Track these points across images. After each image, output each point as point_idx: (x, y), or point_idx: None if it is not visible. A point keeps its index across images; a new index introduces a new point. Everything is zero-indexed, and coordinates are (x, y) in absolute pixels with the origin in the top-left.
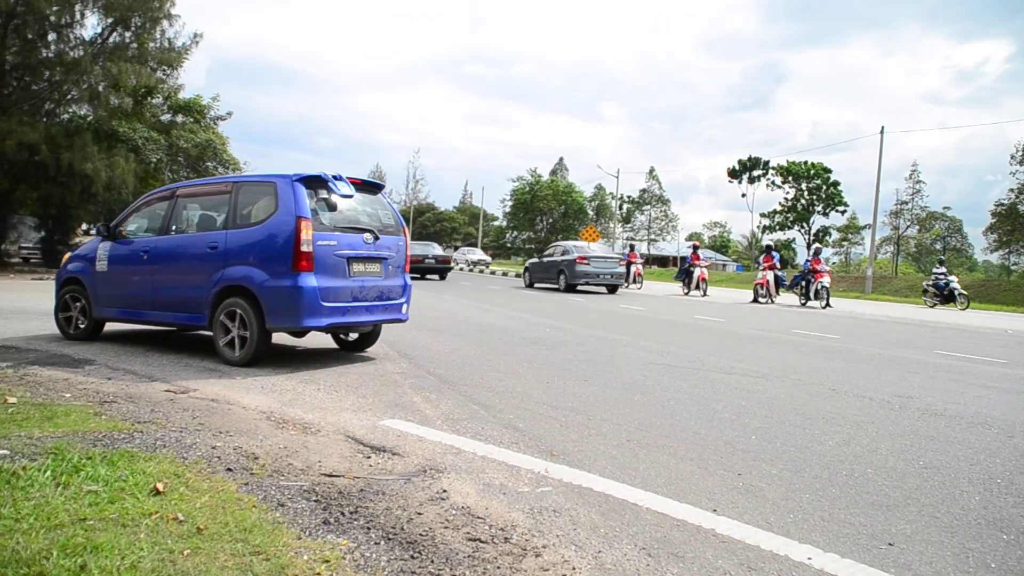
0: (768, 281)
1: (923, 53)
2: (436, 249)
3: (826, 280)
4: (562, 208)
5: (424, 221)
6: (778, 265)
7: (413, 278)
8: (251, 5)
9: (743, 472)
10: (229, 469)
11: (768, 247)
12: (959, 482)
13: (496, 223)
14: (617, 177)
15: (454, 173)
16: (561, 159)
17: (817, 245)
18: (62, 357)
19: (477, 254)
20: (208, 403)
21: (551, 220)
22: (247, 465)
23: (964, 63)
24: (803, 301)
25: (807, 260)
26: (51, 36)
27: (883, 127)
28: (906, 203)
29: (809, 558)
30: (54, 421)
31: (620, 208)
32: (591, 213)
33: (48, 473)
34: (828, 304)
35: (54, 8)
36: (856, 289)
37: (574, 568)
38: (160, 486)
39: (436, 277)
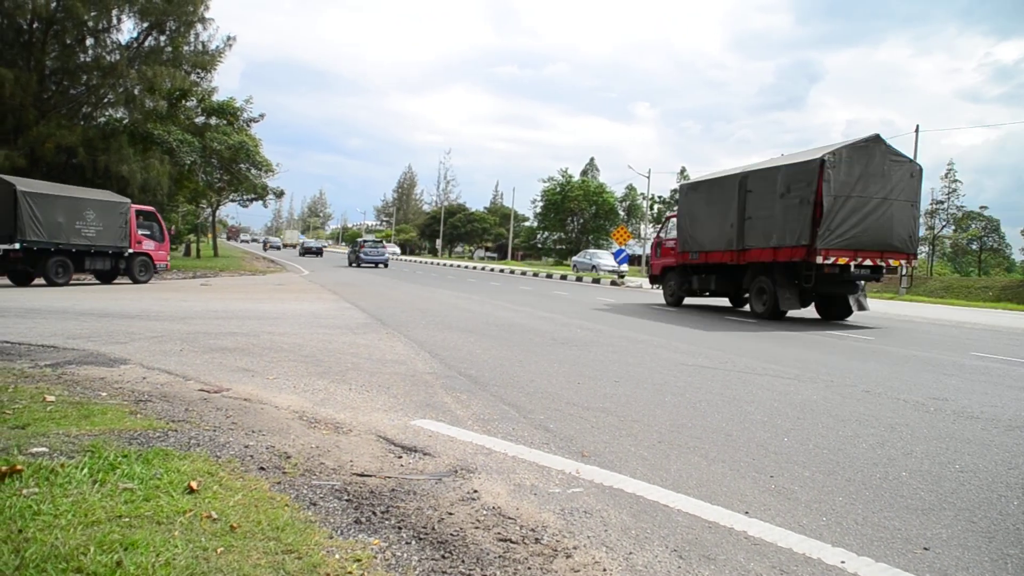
0: None
1: (960, 51)
2: (318, 243)
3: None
4: (593, 209)
5: (455, 222)
6: None
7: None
8: (283, 9)
9: (775, 474)
10: (262, 468)
11: None
12: (996, 486)
13: (527, 224)
14: (648, 177)
15: (485, 174)
16: (592, 159)
17: None
18: (99, 356)
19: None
20: (241, 402)
21: (582, 221)
22: (279, 464)
23: (1003, 60)
24: None
25: None
26: (89, 41)
27: (918, 126)
28: (942, 203)
29: (843, 562)
30: (91, 419)
31: (651, 208)
32: (622, 213)
33: (85, 470)
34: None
35: (92, 13)
36: (890, 290)
37: (605, 569)
38: (194, 484)
39: (320, 256)
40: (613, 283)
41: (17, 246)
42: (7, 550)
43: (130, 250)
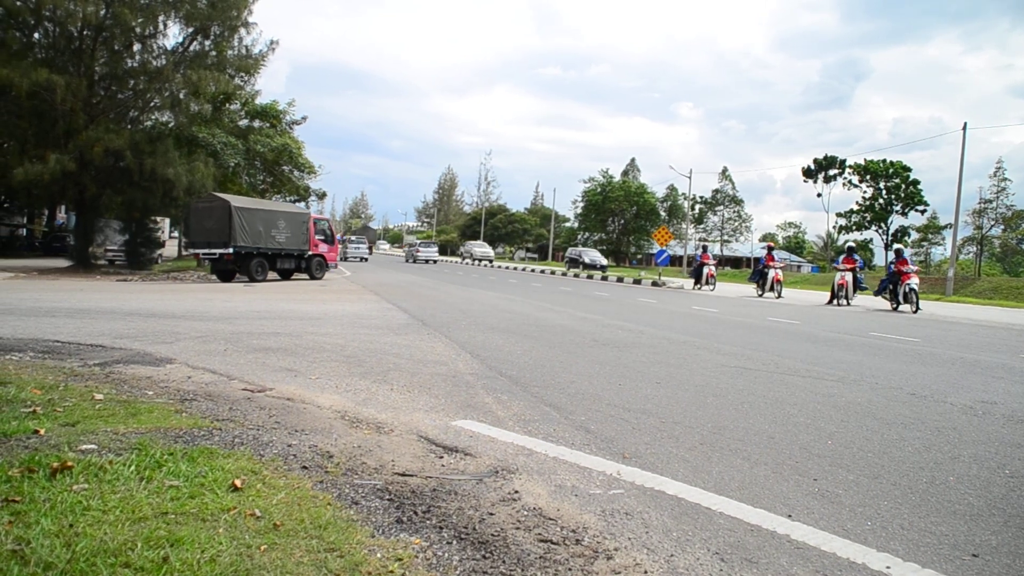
0: (847, 282)
1: (1013, 46)
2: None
3: (914, 281)
4: (634, 209)
5: (496, 223)
6: (859, 268)
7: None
8: (326, 12)
9: (819, 477)
10: (304, 467)
11: (850, 248)
12: None
13: (567, 224)
14: (689, 178)
15: (526, 175)
16: (633, 160)
17: (899, 246)
18: (145, 356)
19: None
20: (284, 402)
21: (623, 221)
22: (322, 463)
23: None
24: (894, 305)
25: (891, 263)
26: (136, 47)
27: (966, 123)
28: (990, 202)
29: (888, 567)
30: (138, 418)
31: (692, 209)
32: (663, 214)
33: (132, 468)
34: (918, 308)
35: (139, 20)
36: (936, 291)
37: (646, 572)
38: (238, 482)
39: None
40: (654, 283)
41: (231, 250)
42: (59, 544)
43: (309, 252)
